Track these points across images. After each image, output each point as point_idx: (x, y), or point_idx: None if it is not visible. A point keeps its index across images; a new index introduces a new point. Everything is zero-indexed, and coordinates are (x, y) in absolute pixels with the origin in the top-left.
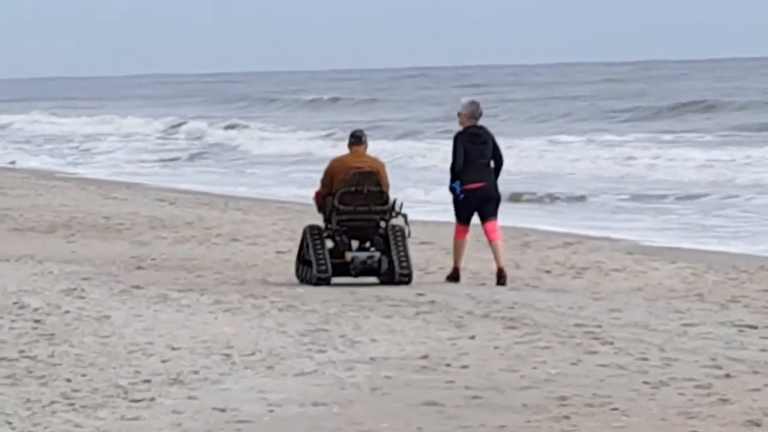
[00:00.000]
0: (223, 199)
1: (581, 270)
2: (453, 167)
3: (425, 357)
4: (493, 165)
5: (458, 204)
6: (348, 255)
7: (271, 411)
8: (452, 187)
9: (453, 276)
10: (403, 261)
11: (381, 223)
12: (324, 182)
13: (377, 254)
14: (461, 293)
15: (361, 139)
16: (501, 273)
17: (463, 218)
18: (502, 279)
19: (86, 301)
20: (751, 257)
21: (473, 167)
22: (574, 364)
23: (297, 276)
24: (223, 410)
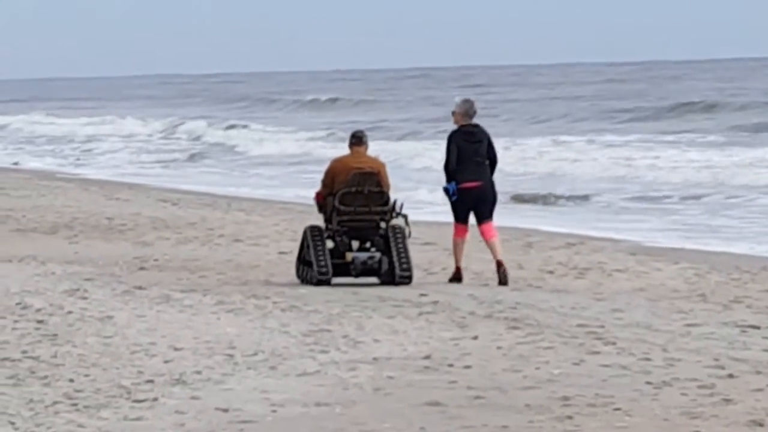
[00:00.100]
0: (226, 200)
1: (584, 270)
2: (446, 166)
3: (428, 357)
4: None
5: (455, 203)
6: (348, 255)
7: (274, 411)
8: (446, 188)
9: (456, 277)
10: (404, 261)
11: (381, 224)
12: (324, 183)
13: (378, 255)
14: (464, 294)
15: (362, 140)
16: (500, 265)
17: (461, 217)
18: (502, 271)
19: (89, 302)
20: (754, 258)
21: (469, 166)
22: (577, 365)
23: (297, 276)
24: (226, 410)
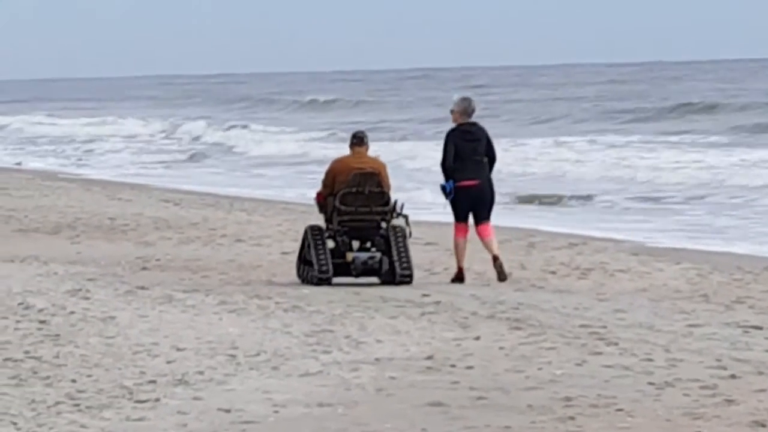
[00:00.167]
0: (228, 200)
1: (586, 271)
2: (443, 164)
3: (430, 358)
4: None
5: (454, 202)
6: (349, 255)
7: (276, 412)
8: (443, 186)
9: (458, 277)
10: (404, 261)
11: (382, 224)
12: (325, 183)
13: (378, 255)
14: (466, 294)
15: (363, 140)
16: (496, 259)
17: (461, 216)
18: (498, 264)
19: (91, 302)
20: (756, 258)
21: (467, 164)
22: (579, 365)
23: (298, 276)
24: (228, 411)
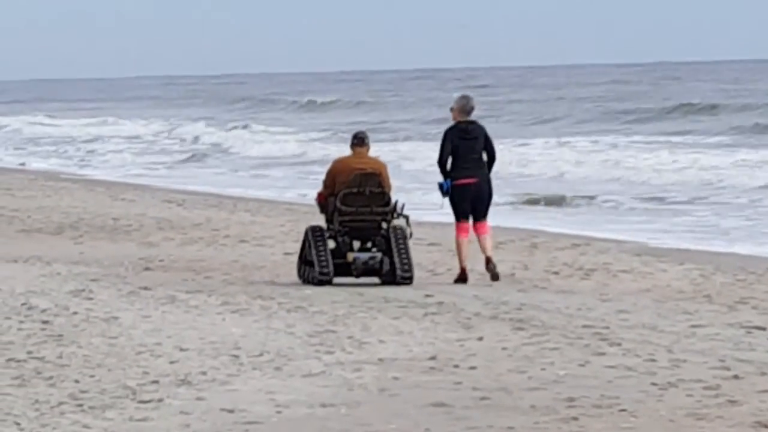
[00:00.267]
0: (232, 201)
1: (589, 271)
2: (439, 161)
3: (433, 358)
4: (486, 159)
5: (453, 201)
6: (350, 255)
7: (279, 412)
8: (440, 184)
9: (461, 277)
10: (405, 262)
11: (383, 224)
12: (326, 183)
13: (379, 255)
14: (469, 294)
15: (364, 141)
16: (489, 261)
17: (461, 214)
18: (491, 267)
19: (94, 302)
20: (759, 258)
21: (465, 162)
22: (582, 366)
23: (299, 276)
24: (231, 411)
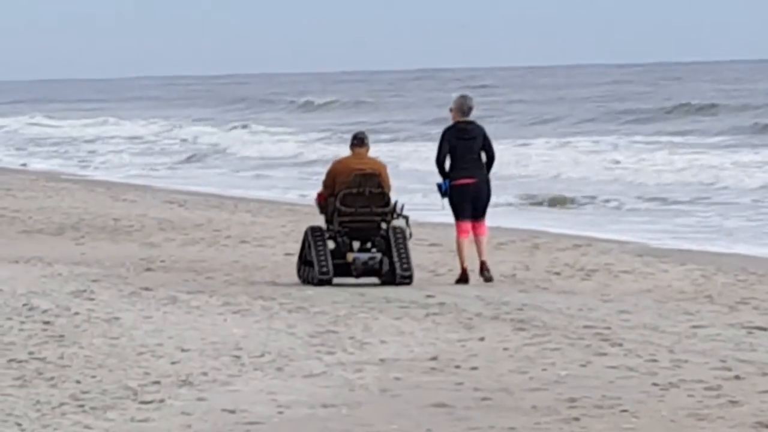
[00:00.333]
0: (233, 201)
1: (590, 272)
2: (437, 161)
3: (434, 358)
4: (485, 160)
5: (453, 201)
6: (350, 256)
7: (281, 412)
8: (439, 185)
9: (462, 278)
10: (404, 262)
11: (382, 225)
12: (326, 183)
13: (378, 255)
14: (470, 295)
15: (363, 141)
16: (483, 266)
17: (461, 214)
18: (485, 272)
19: (95, 303)
20: (761, 259)
21: (463, 162)
22: (584, 366)
23: (299, 276)
24: (233, 412)
